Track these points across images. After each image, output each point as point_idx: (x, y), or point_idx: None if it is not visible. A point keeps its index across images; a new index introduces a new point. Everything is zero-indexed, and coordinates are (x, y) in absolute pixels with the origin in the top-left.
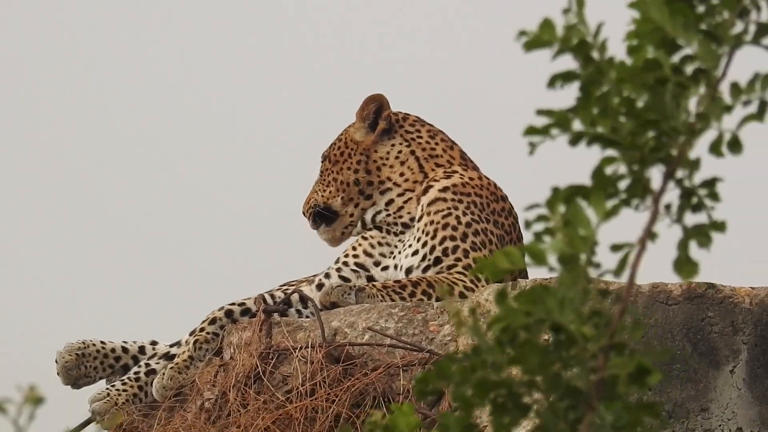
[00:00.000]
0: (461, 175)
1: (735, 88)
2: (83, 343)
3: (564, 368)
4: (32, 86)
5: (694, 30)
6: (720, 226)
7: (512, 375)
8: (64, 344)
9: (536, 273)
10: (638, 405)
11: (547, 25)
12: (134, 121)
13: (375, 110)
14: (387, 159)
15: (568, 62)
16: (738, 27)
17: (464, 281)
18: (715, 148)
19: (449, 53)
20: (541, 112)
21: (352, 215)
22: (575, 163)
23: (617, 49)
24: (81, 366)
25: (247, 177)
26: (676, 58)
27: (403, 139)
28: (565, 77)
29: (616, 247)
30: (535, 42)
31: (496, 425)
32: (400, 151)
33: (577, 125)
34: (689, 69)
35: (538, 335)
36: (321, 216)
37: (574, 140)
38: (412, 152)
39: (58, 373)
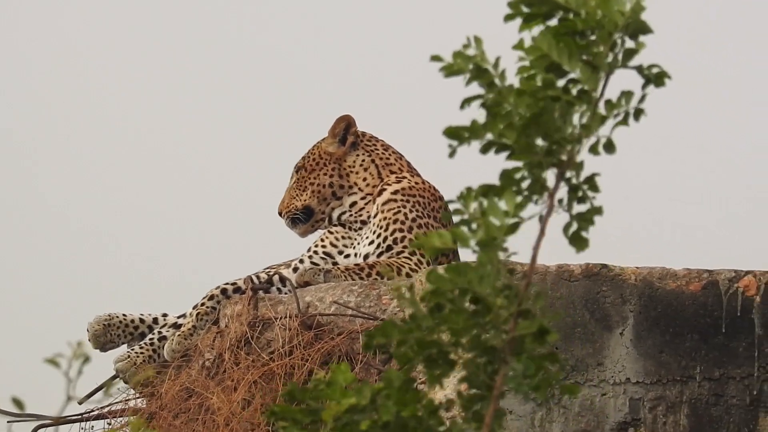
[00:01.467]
0: (409, 180)
1: (609, 104)
2: (109, 315)
3: (482, 331)
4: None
5: (576, 59)
6: (598, 210)
7: (441, 337)
8: (93, 316)
9: (467, 257)
10: (541, 355)
11: (459, 55)
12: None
13: (344, 128)
14: (354, 167)
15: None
16: (610, 56)
17: (410, 264)
18: (593, 149)
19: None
20: (456, 128)
21: (323, 212)
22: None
23: (511, 77)
24: (107, 334)
25: (244, 179)
26: (561, 82)
27: (365, 151)
28: (474, 99)
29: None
30: (449, 70)
31: (429, 377)
32: (363, 161)
33: (488, 136)
34: (574, 90)
35: (461, 304)
36: (298, 218)
37: (485, 148)
38: (373, 161)
39: (88, 340)
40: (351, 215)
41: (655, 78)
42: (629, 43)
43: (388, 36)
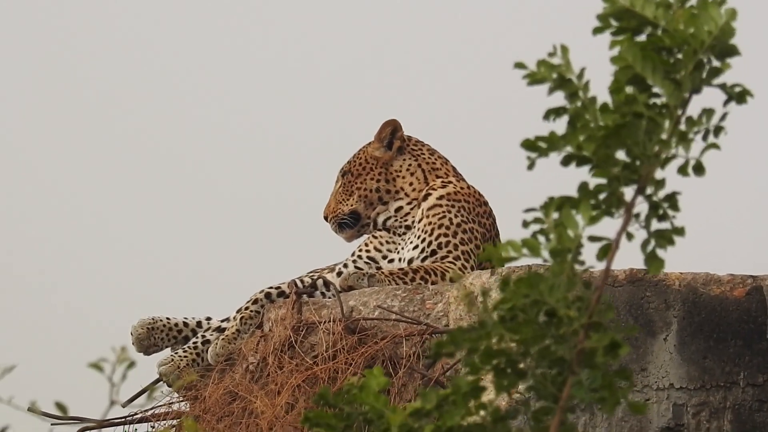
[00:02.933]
0: (454, 185)
1: (690, 121)
2: (152, 318)
3: (552, 342)
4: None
5: (660, 73)
6: (680, 231)
7: (510, 347)
8: (137, 320)
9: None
10: (613, 372)
11: (543, 63)
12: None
13: (391, 132)
14: (400, 171)
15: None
16: (694, 75)
17: (453, 269)
18: (682, 170)
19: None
20: (537, 138)
21: (368, 217)
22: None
23: (596, 89)
24: (151, 337)
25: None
26: (644, 97)
27: (411, 155)
28: (557, 111)
29: (593, 239)
30: (533, 77)
31: (497, 386)
32: (410, 165)
33: (567, 148)
34: (657, 106)
35: (533, 315)
36: (346, 222)
37: (566, 161)
38: (419, 165)
39: (132, 343)
40: (396, 220)
41: (737, 96)
42: (715, 62)
43: (445, 40)
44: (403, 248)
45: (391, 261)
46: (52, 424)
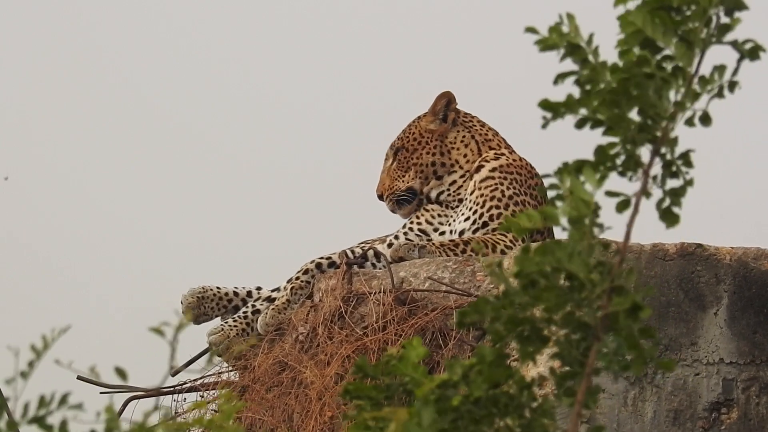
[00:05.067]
0: (507, 156)
1: (703, 80)
2: (202, 288)
3: (576, 307)
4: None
5: (671, 34)
6: (690, 183)
7: (534, 314)
8: (187, 289)
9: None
10: (636, 331)
11: (554, 30)
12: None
13: (445, 104)
14: (455, 143)
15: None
16: (704, 32)
17: (504, 241)
18: (688, 122)
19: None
20: (552, 101)
21: (423, 192)
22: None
23: (604, 54)
24: (201, 306)
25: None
26: (656, 58)
27: (464, 127)
28: (568, 75)
29: (610, 193)
30: (545, 43)
31: (523, 353)
32: (464, 137)
33: (582, 111)
34: (668, 66)
35: (555, 281)
36: (405, 198)
37: (580, 124)
38: (473, 137)
39: (183, 312)
40: (450, 194)
41: (749, 52)
42: (724, 19)
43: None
44: (454, 221)
45: (442, 234)
46: (101, 392)
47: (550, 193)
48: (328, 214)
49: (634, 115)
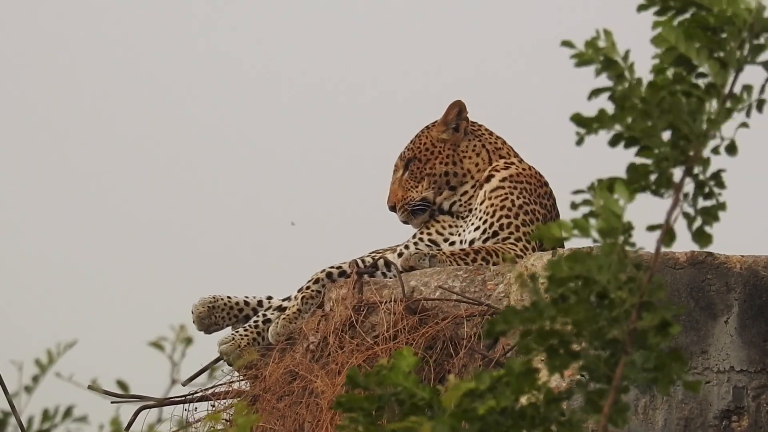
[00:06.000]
0: (516, 166)
1: (734, 99)
2: (213, 297)
3: (605, 323)
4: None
5: (706, 53)
6: (723, 206)
7: (563, 328)
8: (198, 298)
9: (573, 244)
10: (667, 353)
11: (590, 45)
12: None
13: (457, 113)
14: (467, 152)
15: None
16: (738, 52)
17: (515, 250)
18: (714, 151)
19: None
20: (584, 116)
21: (436, 203)
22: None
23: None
24: (212, 316)
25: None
26: (692, 78)
27: (474, 136)
28: (602, 91)
29: (652, 228)
30: (581, 58)
31: (550, 366)
32: (475, 146)
33: (616, 127)
34: (702, 84)
35: (585, 295)
36: (420, 208)
37: (614, 141)
38: (483, 146)
39: (193, 322)
40: (461, 205)
41: None
42: (756, 40)
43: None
44: (464, 230)
45: (453, 244)
46: (112, 402)
47: (582, 210)
48: (339, 223)
49: (666, 134)
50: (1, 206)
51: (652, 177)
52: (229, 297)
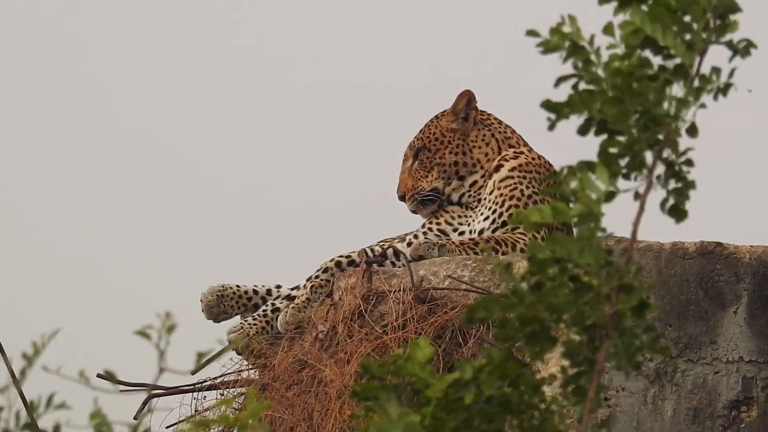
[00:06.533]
0: (526, 155)
1: (704, 79)
2: (222, 286)
3: (584, 307)
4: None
5: (672, 33)
6: (692, 185)
7: (542, 313)
8: (207, 287)
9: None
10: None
11: (555, 32)
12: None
13: (466, 103)
14: (476, 142)
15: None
16: (704, 33)
17: (524, 240)
18: (673, 132)
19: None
20: (555, 102)
21: (445, 193)
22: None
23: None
24: (220, 305)
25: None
26: (658, 59)
27: (483, 125)
28: (568, 78)
29: (611, 195)
30: (547, 45)
31: (531, 353)
32: (485, 135)
33: (586, 113)
34: (670, 65)
35: (562, 280)
36: (430, 198)
37: (584, 127)
38: (493, 135)
39: (202, 310)
40: (470, 195)
41: (742, 50)
42: (718, 21)
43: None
44: (473, 220)
45: (462, 234)
46: (120, 390)
47: (558, 194)
48: (348, 212)
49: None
50: (4, 202)
51: (623, 161)
52: (238, 286)
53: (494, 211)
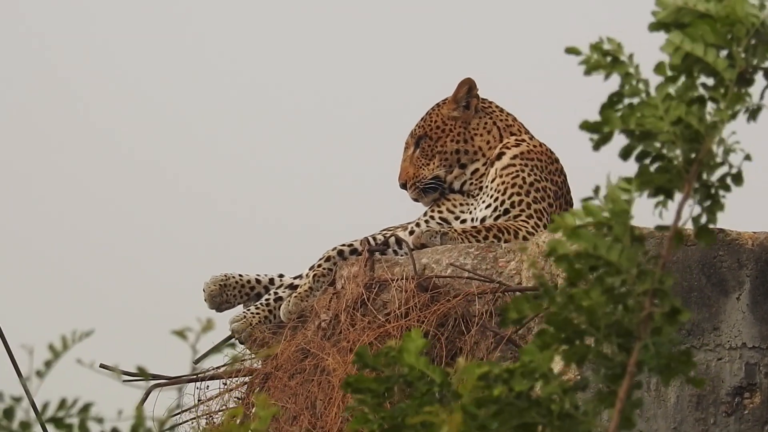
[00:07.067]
0: (527, 143)
1: (739, 95)
2: (225, 275)
3: (618, 310)
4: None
5: (715, 51)
6: (721, 207)
7: (575, 316)
8: (209, 276)
9: None
10: (677, 354)
11: (596, 48)
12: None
13: (467, 91)
14: (477, 129)
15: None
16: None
17: (527, 227)
18: (720, 179)
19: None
20: (593, 122)
21: (447, 181)
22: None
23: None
24: (223, 294)
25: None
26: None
27: (485, 113)
28: (618, 98)
29: (660, 228)
30: (588, 63)
31: (566, 356)
32: (486, 123)
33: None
34: (710, 82)
35: (596, 281)
36: (431, 187)
37: (626, 152)
38: (494, 123)
39: (204, 300)
40: (472, 183)
41: None
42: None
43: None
44: (475, 208)
45: (464, 222)
46: (123, 381)
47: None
48: (350, 201)
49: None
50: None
51: (662, 177)
52: (240, 275)
53: (496, 199)
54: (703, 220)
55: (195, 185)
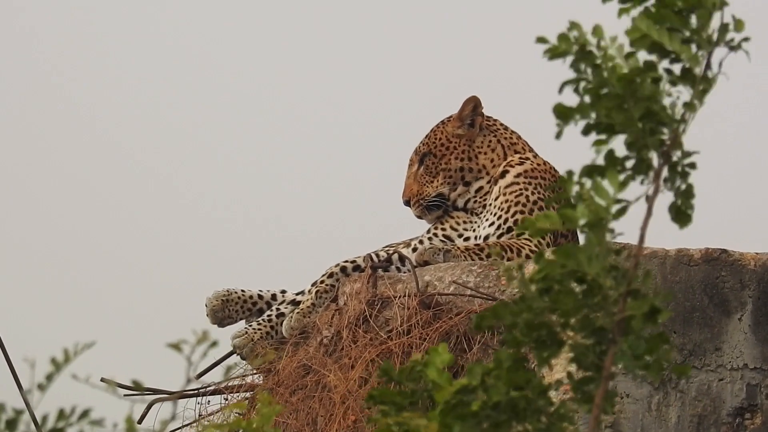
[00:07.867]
0: (531, 161)
1: (706, 81)
2: (227, 290)
3: (592, 312)
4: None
5: (678, 37)
6: (690, 188)
7: (551, 318)
8: (212, 291)
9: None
10: (652, 336)
11: (563, 38)
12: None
13: (472, 109)
14: (482, 147)
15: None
16: (711, 36)
17: (530, 245)
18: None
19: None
20: (566, 107)
21: (451, 199)
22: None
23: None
24: (225, 309)
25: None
26: (665, 63)
27: (489, 131)
28: (573, 82)
29: (619, 201)
30: (554, 52)
31: (538, 358)
32: (490, 141)
33: (593, 116)
34: (676, 69)
35: (569, 285)
36: (435, 204)
37: (587, 129)
38: (498, 141)
39: (207, 315)
40: (476, 201)
41: (737, 46)
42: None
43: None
44: (479, 226)
45: (467, 239)
46: (124, 395)
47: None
48: (353, 217)
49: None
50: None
51: (630, 163)
52: (243, 290)
53: (499, 217)
54: (678, 204)
55: (196, 190)
